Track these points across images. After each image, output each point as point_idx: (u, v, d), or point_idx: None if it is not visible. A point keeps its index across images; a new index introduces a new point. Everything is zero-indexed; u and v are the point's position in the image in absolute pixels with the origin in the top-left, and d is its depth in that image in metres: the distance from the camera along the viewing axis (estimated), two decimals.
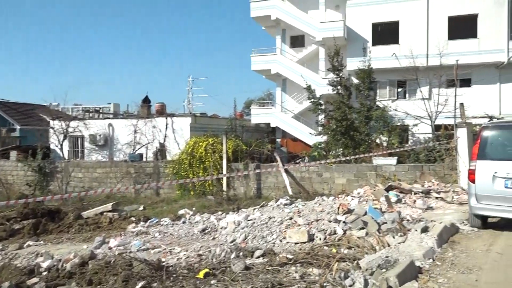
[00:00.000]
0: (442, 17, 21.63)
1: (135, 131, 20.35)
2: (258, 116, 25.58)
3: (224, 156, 15.69)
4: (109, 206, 12.54)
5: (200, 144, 16.47)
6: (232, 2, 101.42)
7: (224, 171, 15.47)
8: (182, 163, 16.50)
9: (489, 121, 8.28)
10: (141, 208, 14.45)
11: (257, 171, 14.63)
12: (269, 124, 25.39)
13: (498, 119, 14.84)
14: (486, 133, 6.99)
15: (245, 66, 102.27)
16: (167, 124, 20.33)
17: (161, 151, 19.61)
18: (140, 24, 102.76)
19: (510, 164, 6.51)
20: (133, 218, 11.55)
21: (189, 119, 20.30)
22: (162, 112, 21.31)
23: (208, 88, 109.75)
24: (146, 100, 22.35)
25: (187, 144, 17.36)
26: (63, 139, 21.33)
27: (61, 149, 21.18)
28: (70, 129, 21.34)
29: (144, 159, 18.93)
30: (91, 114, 25.67)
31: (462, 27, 21.43)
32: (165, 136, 20.29)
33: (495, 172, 6.60)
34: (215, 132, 18.38)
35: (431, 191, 10.85)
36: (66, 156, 21.40)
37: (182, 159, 16.56)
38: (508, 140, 7.00)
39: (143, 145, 20.12)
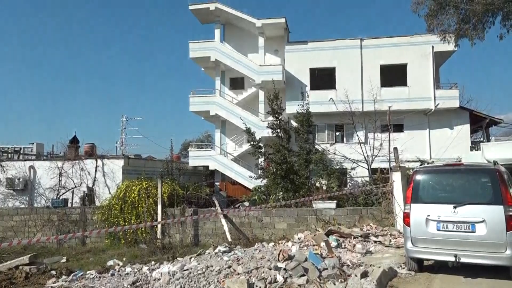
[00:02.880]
0: (375, 65, 23.42)
1: (60, 174, 19.27)
2: (196, 158, 25.43)
3: (159, 201, 15.26)
4: (26, 258, 11.49)
5: (133, 188, 15.93)
6: (171, 39, 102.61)
7: (159, 217, 14.98)
8: (113, 209, 15.78)
9: (420, 165, 8.89)
10: (64, 260, 13.44)
11: (195, 217, 14.33)
12: (207, 167, 25.28)
13: (428, 163, 15.99)
14: (418, 177, 7.47)
15: (184, 107, 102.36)
16: (97, 166, 19.51)
17: (90, 196, 18.65)
18: (72, 55, 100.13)
19: (441, 207, 6.97)
20: (53, 272, 10.67)
21: (122, 161, 19.66)
22: (91, 153, 20.47)
23: (143, 128, 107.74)
24: (74, 141, 21.37)
25: (118, 188, 16.72)
26: None
27: None
28: None
29: (69, 205, 17.86)
30: (9, 155, 24.00)
31: (394, 75, 23.35)
32: (95, 180, 19.40)
33: (428, 215, 7.02)
34: (150, 175, 17.93)
35: (370, 235, 11.24)
36: None
37: (113, 205, 15.86)
38: (438, 183, 7.53)
39: (69, 190, 19.03)
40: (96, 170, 19.48)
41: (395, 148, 13.94)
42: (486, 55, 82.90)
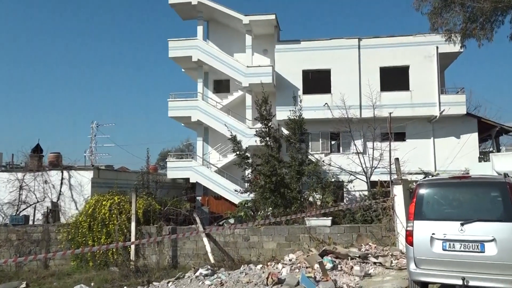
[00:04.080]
0: (374, 68, 23.67)
1: (21, 187, 18.97)
2: (176, 170, 25.29)
3: (133, 217, 15.12)
4: None
5: (104, 203, 15.78)
6: (149, 37, 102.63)
7: (133, 237, 14.82)
8: (80, 227, 15.59)
9: (424, 177, 8.97)
10: (24, 285, 13.24)
11: (173, 235, 14.21)
12: (188, 179, 25.15)
13: (433, 175, 16.15)
14: (422, 191, 7.52)
15: (162, 112, 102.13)
16: (62, 178, 19.28)
17: (54, 212, 18.39)
18: (35, 55, 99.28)
19: (447, 225, 7.01)
20: None
21: (91, 173, 19.45)
22: (57, 164, 20.23)
23: (115, 136, 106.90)
24: (37, 150, 21.10)
25: (87, 203, 16.53)
26: None
27: None
28: None
29: (30, 222, 17.57)
30: None
31: (394, 78, 23.62)
32: (60, 194, 19.15)
33: (433, 233, 7.05)
34: (123, 189, 17.77)
35: (369, 255, 11.26)
36: None
37: (80, 222, 15.67)
38: (444, 198, 7.58)
39: (30, 205, 18.74)
40: (61, 183, 19.24)
41: (397, 159, 14.05)
42: (495, 57, 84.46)
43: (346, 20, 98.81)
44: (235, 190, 19.72)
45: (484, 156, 22.82)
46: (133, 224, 15.09)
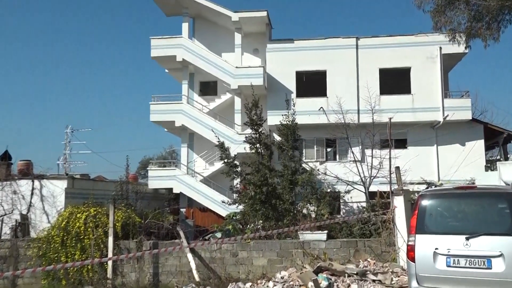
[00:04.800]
0: (373, 69, 23.87)
1: None
2: (158, 179, 25.17)
3: (111, 231, 14.99)
4: None
5: (79, 215, 15.62)
6: (130, 34, 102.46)
7: (110, 252, 14.68)
8: (52, 242, 15.41)
9: (427, 188, 9.00)
10: None
11: (155, 251, 14.09)
12: (171, 189, 25.05)
13: (436, 185, 16.22)
14: (424, 203, 7.55)
15: (143, 116, 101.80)
16: (33, 188, 19.07)
17: (23, 225, 18.18)
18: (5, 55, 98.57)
19: (451, 239, 7.04)
20: None
21: (65, 183, 19.29)
22: (27, 172, 20.02)
23: (92, 142, 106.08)
24: (6, 157, 20.90)
25: (60, 216, 16.36)
26: None
27: None
28: None
29: None
30: None
31: (395, 81, 23.81)
32: (30, 205, 18.93)
33: (436, 248, 7.08)
34: (99, 200, 17.63)
35: (367, 272, 11.27)
36: None
37: (53, 236, 15.49)
38: (448, 210, 7.62)
39: None
40: (32, 193, 19.03)
41: (397, 168, 14.09)
42: (502, 58, 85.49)
43: (345, 20, 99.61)
44: (223, 201, 19.63)
45: (491, 165, 23.00)
46: (110, 239, 14.96)
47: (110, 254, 14.61)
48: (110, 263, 14.79)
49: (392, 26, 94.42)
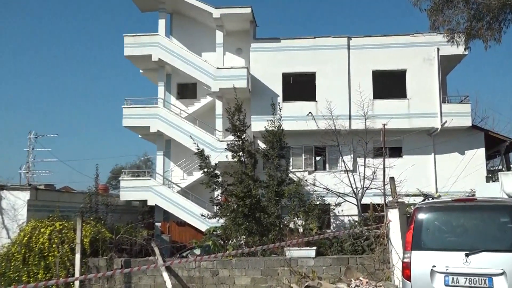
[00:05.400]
0: (366, 71, 24.01)
1: None
2: (131, 190, 24.96)
3: (78, 248, 14.84)
4: None
5: (43, 230, 15.49)
6: (101, 31, 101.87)
7: (77, 271, 14.52)
8: (13, 259, 15.23)
9: (423, 200, 9.06)
10: None
11: (127, 269, 13.93)
12: (145, 201, 24.88)
13: (434, 197, 16.34)
14: (421, 216, 7.60)
15: (115, 121, 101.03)
16: None
17: None
18: None
19: (450, 256, 7.08)
20: None
21: (27, 194, 18.99)
22: None
23: (58, 149, 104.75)
24: None
25: (22, 231, 16.18)
26: None
27: None
28: None
29: None
30: None
31: (390, 84, 24.02)
32: None
33: (434, 266, 7.11)
34: (66, 213, 17.49)
35: None
36: None
37: (13, 254, 15.31)
38: (446, 225, 7.67)
39: None
40: None
41: (392, 178, 14.17)
42: (505, 61, 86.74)
43: (344, 21, 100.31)
44: (202, 215, 19.56)
45: (492, 175, 23.19)
46: (77, 256, 14.80)
47: (77, 273, 14.45)
48: (77, 283, 14.62)
49: (392, 27, 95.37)
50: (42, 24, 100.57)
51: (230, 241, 16.66)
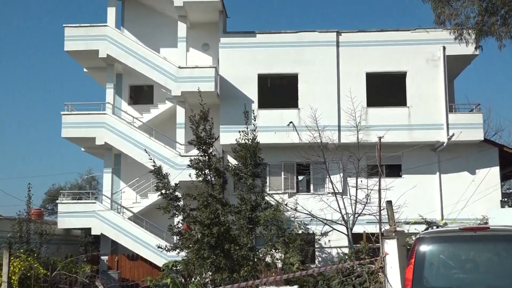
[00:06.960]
0: (358, 73, 24.14)
1: None
2: (71, 216, 24.64)
3: (4, 286, 14.62)
4: None
5: None
6: (36, 21, 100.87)
7: None
8: None
9: (426, 229, 9.10)
10: None
11: None
12: (89, 230, 24.61)
13: (439, 226, 16.49)
14: (423, 248, 7.63)
15: (54, 131, 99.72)
16: None
17: None
18: None
19: None
20: None
21: None
22: None
23: None
24: None
25: None
26: None
27: None
28: None
29: None
30: None
31: (386, 89, 24.23)
32: None
33: None
34: None
35: None
36: None
37: None
38: (453, 258, 7.72)
39: None
40: None
41: (389, 202, 14.26)
42: None
43: (341, 20, 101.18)
44: (159, 247, 19.37)
45: (508, 199, 23.43)
46: None
47: None
48: None
49: (390, 23, 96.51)
50: None
51: (193, 279, 16.58)
